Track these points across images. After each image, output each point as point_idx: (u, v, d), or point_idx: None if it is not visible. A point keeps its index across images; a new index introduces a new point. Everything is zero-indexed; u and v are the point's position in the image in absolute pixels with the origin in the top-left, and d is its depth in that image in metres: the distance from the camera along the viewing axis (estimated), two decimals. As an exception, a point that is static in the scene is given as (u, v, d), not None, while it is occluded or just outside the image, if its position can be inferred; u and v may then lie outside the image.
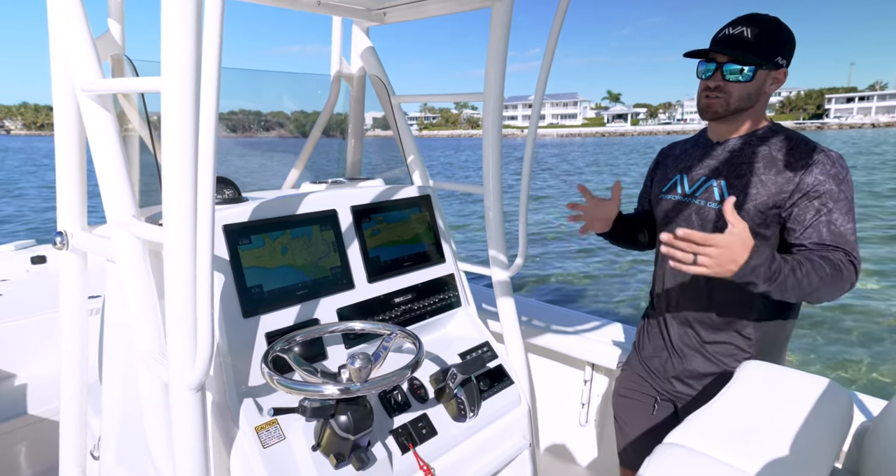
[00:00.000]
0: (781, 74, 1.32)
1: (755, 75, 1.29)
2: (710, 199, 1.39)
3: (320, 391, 1.06)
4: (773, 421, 1.00)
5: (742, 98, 1.32)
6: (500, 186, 1.64)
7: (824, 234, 1.24)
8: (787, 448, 0.92)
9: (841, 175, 1.26)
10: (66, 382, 1.38)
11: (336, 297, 1.38)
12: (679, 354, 1.49)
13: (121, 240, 1.05)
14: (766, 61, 1.29)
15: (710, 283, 1.39)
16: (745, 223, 1.16)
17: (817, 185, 1.25)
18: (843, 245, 1.23)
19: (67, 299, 1.33)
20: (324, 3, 1.58)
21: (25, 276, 2.80)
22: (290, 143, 2.11)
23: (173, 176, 0.81)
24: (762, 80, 1.31)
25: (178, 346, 0.91)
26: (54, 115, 1.18)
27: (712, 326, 1.43)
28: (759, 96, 1.33)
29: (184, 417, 0.96)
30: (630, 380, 1.65)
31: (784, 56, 1.31)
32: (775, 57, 1.29)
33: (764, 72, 1.30)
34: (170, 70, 0.76)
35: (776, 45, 1.29)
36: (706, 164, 1.44)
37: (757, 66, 1.29)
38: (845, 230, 1.24)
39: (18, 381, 2.23)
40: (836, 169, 1.26)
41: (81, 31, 1.03)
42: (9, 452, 2.08)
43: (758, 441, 0.94)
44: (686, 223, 1.44)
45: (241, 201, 1.35)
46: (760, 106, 1.36)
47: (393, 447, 1.26)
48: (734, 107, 1.33)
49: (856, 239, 1.25)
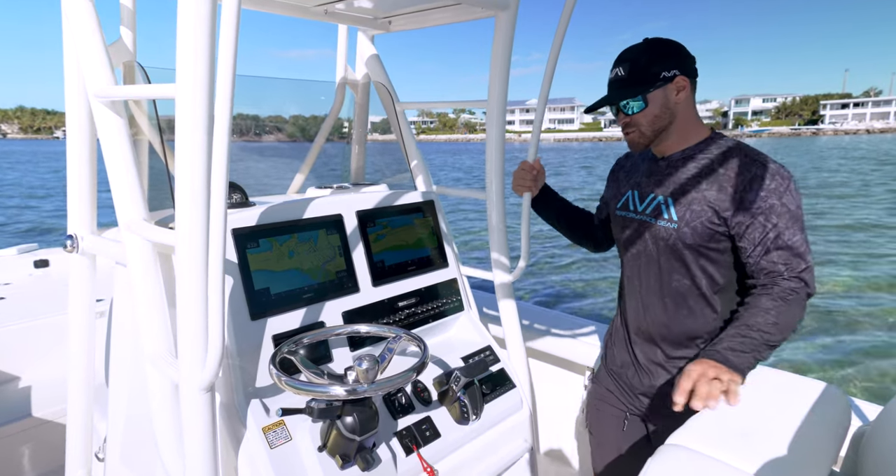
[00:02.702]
0: (681, 81, 1.33)
1: (647, 99, 1.33)
2: (659, 216, 1.40)
3: (328, 392, 1.08)
4: (772, 424, 1.02)
5: (652, 122, 1.35)
6: (502, 192, 1.67)
7: (773, 256, 1.25)
8: (786, 450, 0.94)
9: (782, 187, 1.26)
10: (73, 384, 1.39)
11: (341, 300, 1.40)
12: (645, 371, 1.49)
13: (132, 243, 1.07)
14: (648, 85, 1.32)
15: (669, 300, 1.41)
16: (692, 376, 1.13)
17: (759, 201, 1.25)
18: (793, 262, 1.25)
19: (76, 302, 1.34)
20: (331, 12, 1.61)
21: (28, 279, 2.82)
22: (290, 147, 2.14)
23: (186, 180, 0.83)
24: (660, 98, 1.33)
25: (188, 347, 0.93)
26: (67, 121, 1.20)
27: (675, 343, 1.43)
28: (672, 109, 1.35)
29: (194, 417, 0.97)
30: (599, 393, 1.64)
31: (670, 67, 1.32)
32: (659, 75, 1.32)
33: (656, 91, 1.33)
34: (185, 77, 0.77)
35: (653, 66, 1.32)
36: (653, 179, 1.44)
37: (642, 93, 1.33)
38: (793, 243, 1.25)
39: (23, 384, 2.24)
40: (777, 182, 1.26)
41: (95, 40, 1.05)
42: (13, 454, 2.08)
43: (758, 443, 0.96)
44: (640, 241, 1.45)
45: (248, 205, 1.37)
46: (685, 116, 1.37)
47: (397, 449, 1.27)
48: (651, 131, 1.36)
49: (806, 248, 1.27)
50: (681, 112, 1.36)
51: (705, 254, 1.34)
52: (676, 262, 1.37)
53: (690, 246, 1.33)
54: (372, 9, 1.65)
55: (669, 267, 1.39)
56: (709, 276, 1.35)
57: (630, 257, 1.50)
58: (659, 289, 1.42)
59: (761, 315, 1.23)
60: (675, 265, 1.38)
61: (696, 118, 1.39)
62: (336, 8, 1.61)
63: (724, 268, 1.35)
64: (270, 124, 2.12)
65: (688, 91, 1.35)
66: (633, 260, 1.49)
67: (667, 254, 1.38)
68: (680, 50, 1.35)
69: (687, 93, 1.35)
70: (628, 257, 1.51)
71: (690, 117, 1.38)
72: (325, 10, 1.60)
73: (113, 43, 1.24)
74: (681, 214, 1.34)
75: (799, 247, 1.26)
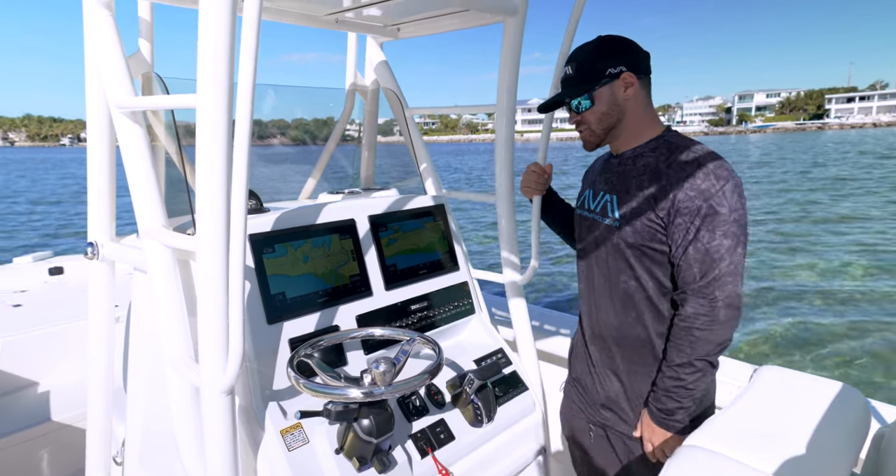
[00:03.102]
0: (629, 77, 1.29)
1: (594, 97, 1.32)
2: (605, 215, 1.38)
3: (345, 394, 1.09)
4: (791, 424, 1.01)
5: (601, 119, 1.33)
6: (512, 195, 1.68)
7: (689, 258, 1.21)
8: (806, 451, 0.93)
9: (714, 188, 1.19)
10: (93, 389, 1.42)
11: (355, 304, 1.42)
12: (602, 378, 1.45)
13: (152, 249, 1.09)
14: (594, 82, 1.30)
15: (618, 301, 1.38)
16: (651, 451, 1.33)
17: (687, 201, 1.20)
18: (705, 268, 1.20)
19: (96, 307, 1.37)
20: (341, 20, 1.64)
21: (44, 286, 2.87)
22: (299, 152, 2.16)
23: (207, 188, 0.84)
24: (606, 95, 1.31)
25: (209, 350, 0.94)
26: (87, 132, 1.22)
27: (628, 347, 1.38)
28: (621, 106, 1.32)
29: (215, 420, 0.99)
30: (567, 404, 1.60)
31: (616, 64, 1.29)
32: (604, 72, 1.29)
33: (602, 89, 1.31)
34: (205, 87, 0.79)
35: (599, 63, 1.30)
36: (604, 177, 1.43)
37: (588, 91, 1.32)
38: (711, 247, 1.19)
39: (41, 389, 2.27)
40: (709, 183, 1.20)
41: (115, 53, 1.07)
42: (32, 458, 2.12)
43: (778, 444, 0.95)
44: (591, 239, 1.44)
45: (263, 211, 1.39)
46: (636, 114, 1.33)
47: (412, 451, 1.29)
48: (600, 129, 1.35)
49: (726, 255, 1.19)
50: (631, 109, 1.32)
51: (648, 254, 1.30)
52: (622, 263, 1.35)
53: (633, 245, 1.31)
54: (381, 17, 1.67)
55: (616, 267, 1.36)
56: (655, 279, 1.31)
57: (583, 256, 1.49)
58: (608, 290, 1.40)
59: (678, 356, 1.24)
60: (622, 265, 1.35)
61: (650, 116, 1.35)
62: (346, 16, 1.63)
63: (669, 270, 1.30)
64: (279, 130, 2.14)
65: (637, 88, 1.31)
66: (586, 259, 1.47)
67: (613, 253, 1.36)
68: (629, 46, 1.32)
69: (636, 89, 1.31)
70: (581, 256, 1.50)
71: (642, 115, 1.34)
72: (336, 19, 1.62)
73: (132, 55, 1.27)
74: (623, 213, 1.32)
75: (715, 252, 1.19)
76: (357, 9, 1.53)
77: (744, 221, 1.21)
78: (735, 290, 1.20)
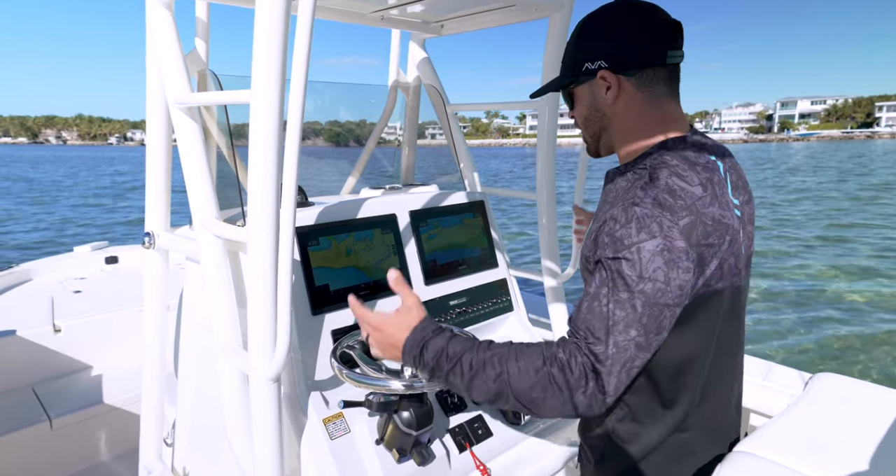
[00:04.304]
0: (607, 76, 0.95)
1: (573, 98, 1.04)
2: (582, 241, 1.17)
3: (387, 386, 1.10)
4: (847, 434, 0.97)
5: (584, 124, 1.05)
6: (553, 193, 1.66)
7: (580, 316, 0.88)
8: (863, 462, 0.89)
9: (627, 240, 0.84)
10: (148, 373, 1.47)
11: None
12: None
13: (205, 239, 1.12)
14: (571, 76, 1.01)
15: None
16: (415, 297, 1.03)
17: (599, 248, 0.89)
18: (590, 334, 0.85)
19: (151, 295, 1.42)
20: (386, 17, 1.66)
21: (101, 274, 3.06)
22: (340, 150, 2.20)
23: (258, 180, 0.87)
24: (586, 95, 1.01)
25: (258, 339, 0.97)
26: (147, 127, 1.28)
27: None
28: (604, 112, 1.00)
29: (262, 405, 1.01)
30: None
31: (594, 57, 0.96)
32: (579, 68, 0.99)
33: (581, 87, 1.01)
34: (259, 83, 0.82)
35: (579, 53, 0.99)
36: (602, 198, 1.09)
37: (565, 88, 1.04)
38: (602, 312, 0.85)
39: (94, 373, 2.39)
40: (622, 231, 0.85)
41: (175, 51, 1.12)
42: (87, 437, 2.23)
43: (832, 454, 0.92)
44: None
45: (308, 205, 1.42)
46: (624, 122, 0.99)
47: (451, 446, 1.29)
48: (588, 136, 1.07)
49: (621, 327, 0.83)
50: (619, 116, 0.99)
51: None
52: None
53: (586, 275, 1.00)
54: (425, 13, 1.69)
55: None
56: None
57: None
58: None
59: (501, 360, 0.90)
60: None
61: (648, 123, 0.98)
62: (391, 14, 1.65)
63: None
64: (323, 127, 2.18)
65: (622, 90, 0.96)
66: None
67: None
68: (619, 29, 0.94)
69: (622, 93, 0.96)
70: None
71: (635, 125, 0.99)
72: (382, 16, 1.65)
73: (188, 53, 1.31)
74: (584, 242, 1.00)
75: (608, 319, 0.83)
76: (402, 6, 1.55)
77: (658, 300, 0.82)
78: (607, 378, 0.83)
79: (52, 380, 2.35)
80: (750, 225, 1.03)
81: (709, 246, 0.87)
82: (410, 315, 1.03)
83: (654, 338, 0.85)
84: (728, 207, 0.92)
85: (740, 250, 0.95)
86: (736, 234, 0.92)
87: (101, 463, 2.28)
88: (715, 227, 0.88)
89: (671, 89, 0.98)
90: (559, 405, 0.85)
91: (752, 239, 1.03)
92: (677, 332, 0.89)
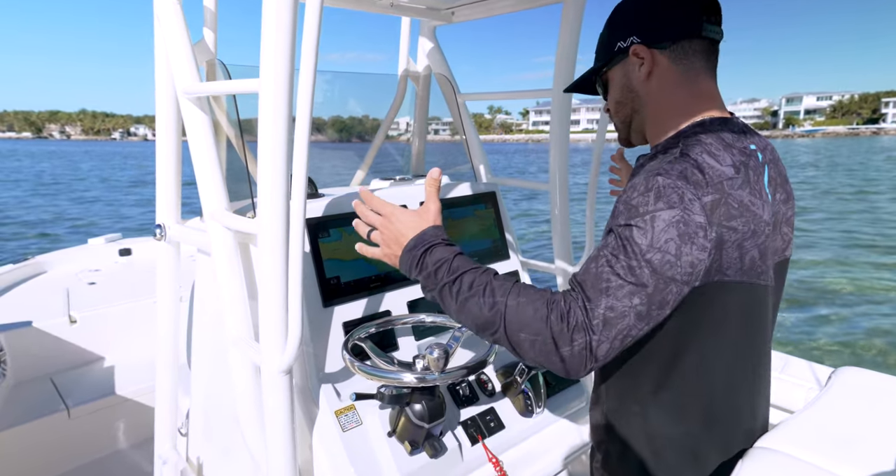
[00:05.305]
0: (641, 52, 0.92)
1: (606, 80, 1.01)
2: None
3: (399, 379, 1.09)
4: (872, 429, 0.96)
5: (616, 109, 1.02)
6: (566, 184, 1.64)
7: (580, 273, 0.85)
8: (888, 458, 0.87)
9: (643, 208, 0.80)
10: (162, 364, 1.47)
11: (406, 290, 1.41)
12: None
13: (216, 231, 1.11)
14: (604, 61, 0.99)
15: None
16: (439, 205, 0.96)
17: (611, 218, 0.86)
18: (585, 288, 0.81)
19: (163, 287, 1.41)
20: (396, 4, 1.63)
21: (115, 266, 3.11)
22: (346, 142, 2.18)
23: (268, 172, 0.85)
24: (619, 78, 0.98)
25: (269, 331, 0.96)
26: (156, 119, 1.26)
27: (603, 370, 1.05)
28: (638, 92, 0.96)
29: (274, 397, 1.00)
30: None
31: (626, 34, 0.93)
32: (612, 48, 0.95)
33: (615, 69, 0.98)
34: (267, 71, 0.80)
35: (612, 34, 0.96)
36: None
37: (598, 74, 1.02)
38: (600, 272, 0.81)
39: (107, 364, 2.41)
40: (639, 198, 0.81)
41: (183, 41, 1.11)
42: (101, 428, 2.26)
43: (856, 449, 0.90)
44: None
45: (318, 197, 1.40)
46: (657, 100, 0.95)
47: (463, 438, 1.27)
48: (620, 123, 1.03)
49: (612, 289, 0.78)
50: (652, 95, 0.94)
51: None
52: None
53: None
54: (435, 0, 1.66)
55: None
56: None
57: None
58: None
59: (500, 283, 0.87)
60: None
61: (683, 100, 0.93)
62: (401, 1, 1.63)
63: None
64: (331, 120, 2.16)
65: (656, 64, 0.91)
66: None
67: None
68: (648, 4, 0.92)
69: (657, 67, 0.92)
70: None
71: (669, 102, 0.93)
72: (392, 3, 1.62)
73: (197, 42, 1.30)
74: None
75: (604, 280, 0.79)
76: None
77: (665, 272, 0.78)
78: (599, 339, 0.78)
79: (69, 370, 2.39)
80: (787, 227, 0.97)
81: (731, 229, 0.81)
82: (427, 216, 0.97)
83: (657, 311, 0.80)
84: (760, 196, 0.87)
85: (767, 247, 0.88)
86: (765, 228, 0.87)
87: (119, 451, 2.32)
88: (741, 212, 0.82)
89: (708, 65, 0.92)
90: (544, 352, 0.80)
91: (788, 243, 0.97)
92: (684, 320, 0.85)
